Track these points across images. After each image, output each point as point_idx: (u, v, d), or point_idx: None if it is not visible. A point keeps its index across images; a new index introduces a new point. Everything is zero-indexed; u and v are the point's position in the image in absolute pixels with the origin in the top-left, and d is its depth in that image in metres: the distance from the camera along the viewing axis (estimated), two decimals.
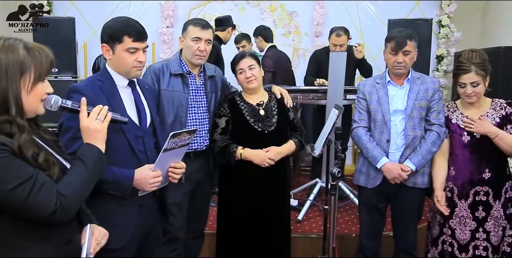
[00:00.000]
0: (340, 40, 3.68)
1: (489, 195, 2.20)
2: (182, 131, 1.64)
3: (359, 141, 2.36)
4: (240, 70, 2.34)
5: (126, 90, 1.73)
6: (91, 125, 1.34)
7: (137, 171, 1.62)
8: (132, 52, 1.66)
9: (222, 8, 4.86)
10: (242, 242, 2.36)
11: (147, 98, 1.81)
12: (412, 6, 4.86)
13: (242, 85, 2.40)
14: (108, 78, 1.69)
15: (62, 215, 1.17)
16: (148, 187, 1.62)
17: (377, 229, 2.45)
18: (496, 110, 2.22)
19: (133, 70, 1.69)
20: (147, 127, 1.75)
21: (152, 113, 1.80)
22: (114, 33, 1.65)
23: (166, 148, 1.58)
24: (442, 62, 4.82)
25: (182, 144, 1.66)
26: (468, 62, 2.14)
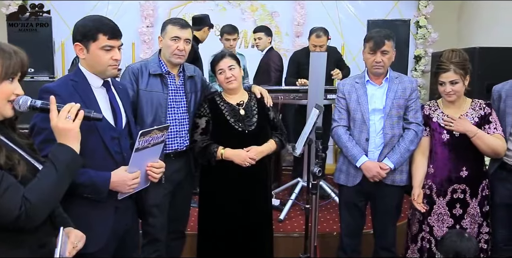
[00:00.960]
0: (320, 41, 3.71)
1: (466, 193, 2.25)
2: (152, 128, 1.61)
3: (339, 140, 2.39)
4: (220, 71, 2.33)
5: (100, 90, 1.69)
6: (60, 125, 1.28)
7: (114, 173, 1.59)
8: (107, 50, 1.62)
9: (202, 8, 4.83)
10: (224, 242, 2.35)
11: (122, 98, 1.78)
12: (390, 7, 4.93)
13: (222, 86, 2.39)
14: (82, 78, 1.65)
15: (27, 221, 1.14)
16: (127, 189, 1.60)
17: (357, 227, 2.47)
18: (476, 110, 2.27)
19: (109, 69, 1.66)
20: (122, 128, 1.72)
21: (127, 113, 1.77)
22: (88, 31, 1.60)
23: (138, 147, 1.56)
24: (420, 62, 4.91)
25: (155, 142, 1.64)
26: (448, 61, 2.19)
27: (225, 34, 4.00)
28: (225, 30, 4.03)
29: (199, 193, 2.48)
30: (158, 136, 1.65)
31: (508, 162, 2.27)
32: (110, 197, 1.61)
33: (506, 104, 2.28)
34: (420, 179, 2.30)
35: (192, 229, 2.72)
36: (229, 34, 3.99)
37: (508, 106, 2.27)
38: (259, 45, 4.14)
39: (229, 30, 4.01)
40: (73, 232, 1.36)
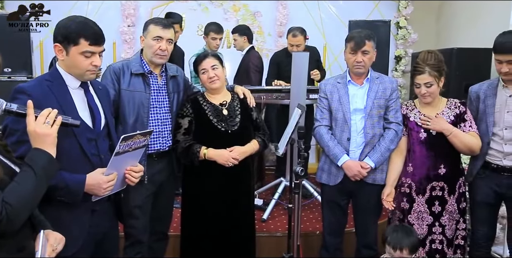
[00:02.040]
0: (296, 40, 3.74)
1: (444, 190, 2.30)
2: (135, 133, 1.59)
3: (321, 139, 2.40)
4: (203, 70, 2.33)
5: (78, 91, 1.66)
6: (38, 130, 1.27)
7: (89, 175, 1.56)
8: (87, 57, 1.59)
9: (184, 7, 4.80)
10: (207, 243, 2.35)
11: (101, 99, 1.75)
12: (371, 7, 5.00)
13: (205, 85, 2.39)
14: (58, 79, 1.61)
15: (8, 225, 1.12)
16: (102, 192, 1.58)
17: (340, 226, 2.50)
18: (451, 109, 2.32)
19: (87, 74, 1.63)
20: (101, 130, 1.70)
21: (106, 114, 1.74)
22: (70, 34, 1.56)
23: (118, 152, 1.54)
24: (400, 63, 4.99)
25: (137, 146, 1.62)
26: (423, 63, 2.23)
27: (211, 33, 3.84)
28: (212, 28, 3.86)
29: (181, 194, 2.47)
30: (141, 140, 1.63)
31: (492, 161, 2.33)
32: (86, 199, 1.58)
33: (486, 105, 2.33)
34: (393, 178, 2.34)
35: (175, 230, 2.71)
36: (216, 33, 3.84)
37: (488, 106, 2.32)
38: (235, 45, 4.15)
39: (216, 29, 3.86)
40: (52, 235, 1.34)
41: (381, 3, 5.00)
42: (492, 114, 2.31)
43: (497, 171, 2.31)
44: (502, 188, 2.31)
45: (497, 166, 2.31)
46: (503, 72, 2.21)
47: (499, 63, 2.21)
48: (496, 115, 2.30)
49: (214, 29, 3.85)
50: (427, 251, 2.32)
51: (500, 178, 2.31)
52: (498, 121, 2.29)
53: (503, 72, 2.21)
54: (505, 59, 2.18)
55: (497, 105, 2.30)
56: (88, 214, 1.63)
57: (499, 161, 2.31)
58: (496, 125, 2.30)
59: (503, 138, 2.28)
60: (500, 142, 2.29)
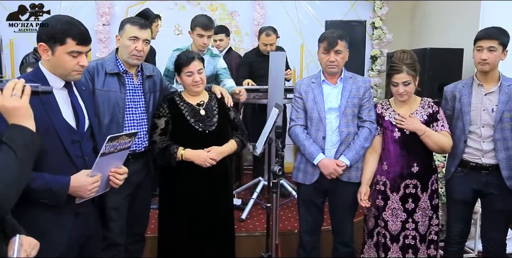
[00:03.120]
0: (270, 39, 3.76)
1: (418, 188, 2.35)
2: (121, 134, 1.57)
3: (297, 139, 2.42)
4: (189, 73, 2.30)
5: (62, 92, 1.63)
6: (6, 103, 1.19)
7: (74, 177, 1.53)
8: (74, 56, 1.56)
9: (161, 6, 4.75)
10: (184, 244, 2.33)
11: (84, 100, 1.72)
12: (348, 7, 5.06)
13: (187, 87, 2.36)
14: (42, 79, 1.57)
15: None
16: (87, 194, 1.55)
17: (316, 224, 2.52)
18: (425, 108, 2.37)
19: (72, 74, 1.60)
20: (84, 131, 1.67)
21: (90, 116, 1.71)
22: (56, 33, 1.53)
23: (104, 152, 1.51)
24: (376, 62, 5.07)
25: (122, 148, 1.60)
26: (400, 62, 2.27)
27: (197, 28, 2.99)
28: (198, 23, 3.00)
29: (158, 195, 2.45)
30: (126, 141, 1.61)
31: (470, 159, 2.38)
32: (70, 202, 1.55)
33: (462, 103, 2.39)
34: (368, 177, 2.38)
35: (153, 232, 2.68)
36: (204, 29, 2.99)
37: (464, 105, 2.38)
38: (220, 46, 4.09)
39: (204, 24, 2.99)
40: (26, 239, 1.30)
41: (357, 3, 5.07)
42: (468, 113, 2.36)
43: (475, 169, 2.37)
44: (480, 185, 2.37)
45: (476, 164, 2.37)
46: (482, 59, 2.25)
47: (479, 51, 2.27)
48: (473, 114, 2.35)
49: (202, 23, 2.99)
50: (400, 247, 2.36)
51: (479, 176, 2.36)
52: (475, 119, 2.35)
53: (482, 59, 2.25)
54: (486, 46, 2.24)
55: (473, 103, 2.36)
56: (72, 216, 1.60)
57: (477, 159, 2.37)
58: (473, 123, 2.35)
59: (481, 136, 2.34)
60: (478, 140, 2.35)
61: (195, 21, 3.04)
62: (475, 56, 2.31)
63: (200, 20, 3.02)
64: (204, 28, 2.98)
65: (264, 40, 3.78)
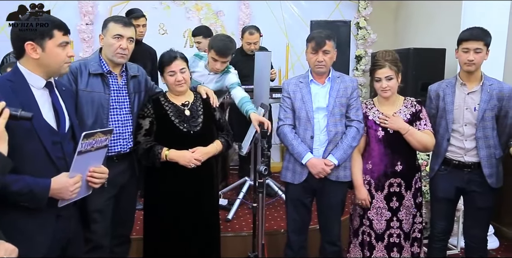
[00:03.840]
0: (253, 38, 3.77)
1: (402, 186, 2.38)
2: (96, 131, 1.55)
3: (285, 138, 2.43)
4: (171, 73, 2.28)
5: (42, 92, 1.60)
6: None
7: (54, 179, 1.50)
8: (64, 46, 1.58)
9: (145, 5, 4.69)
10: (170, 245, 2.31)
11: (65, 100, 1.69)
12: (332, 8, 5.09)
13: (170, 87, 2.34)
14: (21, 79, 1.54)
15: None
16: (69, 195, 1.52)
17: (304, 223, 2.53)
18: (408, 107, 2.40)
19: (64, 66, 1.61)
20: (65, 132, 1.64)
21: (71, 116, 1.69)
22: (43, 28, 1.54)
23: (81, 150, 1.49)
24: (361, 62, 5.12)
25: (99, 146, 1.57)
26: (382, 59, 2.32)
27: (213, 52, 2.73)
28: (216, 47, 2.70)
29: (143, 196, 2.42)
30: (102, 139, 1.58)
31: (453, 158, 2.42)
32: (50, 204, 1.52)
33: (446, 102, 2.43)
34: (360, 178, 2.39)
35: (138, 233, 2.65)
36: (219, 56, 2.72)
37: (447, 104, 2.42)
38: (200, 48, 4.08)
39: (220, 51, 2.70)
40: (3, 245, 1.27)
41: (342, 3, 5.10)
42: (451, 112, 2.40)
43: (458, 167, 2.41)
44: (463, 183, 2.41)
45: (459, 162, 2.41)
46: (469, 60, 2.29)
47: (465, 53, 2.31)
48: (456, 113, 2.40)
49: (219, 49, 2.70)
50: (385, 245, 2.39)
51: (461, 174, 2.41)
52: (458, 118, 2.39)
53: (469, 60, 2.29)
54: (473, 47, 2.28)
55: (456, 102, 2.40)
56: (53, 219, 1.57)
57: (460, 157, 2.41)
58: (456, 122, 2.40)
59: (463, 134, 2.38)
60: (460, 138, 2.39)
61: (213, 42, 2.73)
62: (460, 57, 2.34)
63: (219, 44, 2.68)
64: (219, 54, 2.70)
65: (248, 39, 3.78)
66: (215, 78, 2.92)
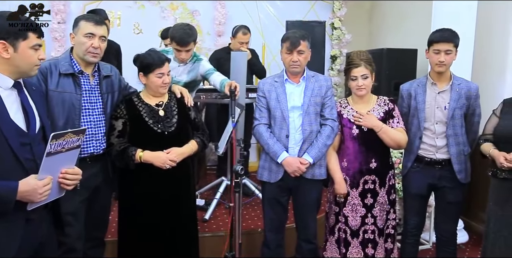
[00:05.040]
0: (246, 38, 3.82)
1: (376, 183, 2.43)
2: (66, 131, 1.51)
3: (261, 138, 2.44)
4: (159, 74, 2.25)
5: (10, 92, 1.55)
6: None
7: (22, 182, 1.46)
8: (36, 49, 1.56)
9: (119, 4, 4.64)
10: (146, 248, 2.28)
11: (35, 100, 1.65)
12: (308, 8, 5.14)
13: (153, 89, 2.29)
14: None
15: None
16: (38, 198, 1.47)
17: (280, 222, 2.54)
18: (381, 106, 2.46)
19: (34, 69, 1.59)
20: (35, 133, 1.59)
21: (42, 117, 1.64)
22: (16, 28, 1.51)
23: (50, 152, 1.45)
24: (336, 62, 5.18)
25: (70, 147, 1.54)
26: (357, 58, 2.37)
27: (173, 43, 2.72)
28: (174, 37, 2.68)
29: (118, 198, 2.39)
30: (73, 139, 1.54)
31: (425, 155, 2.48)
32: (19, 208, 1.47)
33: (417, 101, 2.48)
34: (339, 175, 2.42)
35: (113, 236, 2.61)
36: (180, 46, 2.70)
37: (419, 103, 2.48)
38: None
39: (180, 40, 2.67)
40: None
41: (317, 4, 5.16)
42: (423, 110, 2.46)
43: (430, 164, 2.48)
44: (434, 179, 2.48)
45: (431, 159, 2.47)
46: (440, 61, 2.35)
47: (436, 54, 2.37)
48: (427, 111, 2.46)
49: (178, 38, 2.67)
50: (360, 241, 2.43)
51: (433, 171, 2.47)
52: (429, 116, 2.46)
53: (440, 61, 2.35)
54: (444, 49, 2.34)
55: (427, 101, 2.46)
56: (22, 223, 1.52)
57: (432, 154, 2.47)
58: (428, 120, 2.46)
59: (434, 132, 2.45)
60: (432, 136, 2.46)
61: (172, 33, 2.71)
62: (432, 58, 2.41)
63: (177, 34, 2.66)
64: (180, 44, 2.68)
65: (241, 39, 3.81)
66: (186, 69, 2.91)
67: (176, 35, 2.67)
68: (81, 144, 1.62)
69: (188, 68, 2.90)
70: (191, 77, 2.91)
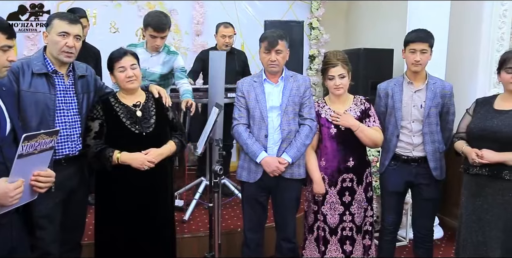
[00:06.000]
0: (228, 31, 3.84)
1: (354, 181, 2.46)
2: (39, 132, 1.47)
3: (239, 138, 2.43)
4: (121, 68, 2.22)
5: None
6: None
7: None
8: (5, 51, 1.51)
9: (95, 3, 4.55)
10: (123, 251, 2.25)
11: (5, 101, 1.60)
12: (286, 8, 5.16)
13: (120, 85, 2.28)
14: None
15: None
16: (9, 201, 1.43)
17: (260, 222, 2.54)
18: (358, 105, 2.49)
19: (2, 71, 1.54)
20: (6, 135, 1.55)
21: (12, 118, 1.59)
22: None
23: (22, 153, 1.40)
24: (314, 62, 5.21)
25: (43, 148, 1.49)
26: (334, 58, 2.40)
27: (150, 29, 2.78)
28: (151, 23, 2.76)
29: (94, 200, 2.34)
30: (46, 141, 1.50)
31: (402, 153, 2.53)
32: None
33: (394, 100, 2.53)
34: (318, 175, 2.44)
35: (90, 238, 2.56)
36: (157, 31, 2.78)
37: (396, 102, 2.53)
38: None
39: (157, 25, 2.75)
40: None
41: (295, 4, 5.18)
42: (400, 109, 2.51)
43: (407, 162, 2.52)
44: (411, 177, 2.53)
45: (407, 157, 2.52)
46: (416, 61, 2.40)
47: (412, 53, 2.42)
48: (404, 110, 2.51)
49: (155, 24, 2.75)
50: (339, 239, 2.46)
51: (410, 168, 2.52)
52: (406, 115, 2.50)
53: (416, 61, 2.40)
54: (419, 48, 2.40)
55: (404, 100, 2.51)
56: None
57: (408, 152, 2.52)
58: (404, 119, 2.51)
59: (411, 130, 2.50)
60: (409, 134, 2.50)
61: (147, 20, 2.78)
62: (408, 58, 2.46)
63: (153, 20, 2.74)
64: (157, 29, 2.75)
65: (223, 32, 3.83)
66: (160, 59, 2.90)
67: (152, 22, 2.76)
68: (54, 146, 1.58)
69: (162, 59, 2.89)
70: (167, 69, 2.92)
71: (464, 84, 3.67)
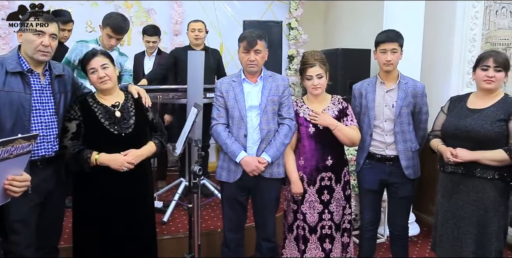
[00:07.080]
0: (197, 25, 3.85)
1: (332, 180, 2.50)
2: (16, 137, 1.44)
3: (219, 137, 2.43)
4: (92, 70, 2.19)
5: None
6: None
7: None
8: None
9: (71, 2, 4.46)
10: (103, 252, 2.21)
11: None
12: (265, 8, 5.18)
13: (95, 86, 2.25)
14: None
15: None
16: None
17: (240, 222, 2.54)
18: (335, 104, 2.52)
19: None
20: None
21: None
22: None
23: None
24: (293, 62, 5.25)
25: (19, 152, 1.46)
26: (312, 58, 2.42)
27: (108, 29, 2.92)
28: (111, 24, 2.90)
29: (72, 202, 2.29)
30: (24, 145, 1.47)
31: (376, 152, 2.57)
32: None
33: (368, 100, 2.57)
34: (296, 174, 2.47)
35: (67, 242, 2.51)
36: (115, 33, 2.94)
37: (369, 101, 2.57)
38: (154, 48, 4.18)
39: (117, 28, 2.91)
40: None
41: (274, 4, 5.20)
42: (373, 109, 2.55)
43: (381, 160, 2.57)
44: (385, 175, 2.57)
45: (381, 155, 2.56)
46: (387, 61, 2.45)
47: (383, 53, 2.47)
48: (377, 109, 2.55)
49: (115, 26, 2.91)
50: (318, 237, 2.49)
51: (384, 167, 2.56)
52: (379, 114, 2.55)
53: (387, 61, 2.45)
54: (390, 48, 2.44)
55: (376, 100, 2.56)
56: None
57: (382, 151, 2.56)
58: (377, 118, 2.55)
59: (384, 129, 2.54)
60: (381, 133, 2.55)
61: (107, 20, 2.92)
62: (379, 58, 2.50)
63: (113, 22, 2.89)
64: (115, 31, 2.91)
65: (192, 26, 3.84)
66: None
67: (114, 22, 2.90)
68: (31, 150, 1.55)
69: (114, 57, 2.89)
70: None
71: (439, 83, 3.77)
